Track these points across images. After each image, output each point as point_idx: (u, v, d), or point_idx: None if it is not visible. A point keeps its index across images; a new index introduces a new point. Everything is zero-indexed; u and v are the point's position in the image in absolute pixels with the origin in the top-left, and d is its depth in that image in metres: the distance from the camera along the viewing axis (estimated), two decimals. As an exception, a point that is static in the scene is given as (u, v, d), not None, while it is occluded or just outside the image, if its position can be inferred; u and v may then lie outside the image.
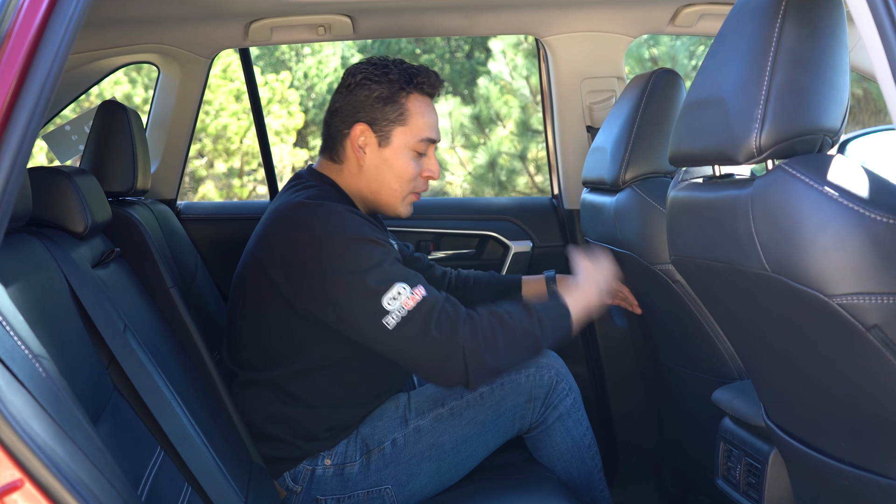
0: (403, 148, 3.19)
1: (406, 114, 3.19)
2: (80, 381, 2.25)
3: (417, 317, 2.85)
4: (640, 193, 3.19)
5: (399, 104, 3.18)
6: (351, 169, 3.23)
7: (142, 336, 2.80)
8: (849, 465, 2.15)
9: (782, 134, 2.00)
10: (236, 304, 3.22)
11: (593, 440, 3.40)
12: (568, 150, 4.40)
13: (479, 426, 3.19)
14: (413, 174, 3.22)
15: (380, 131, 3.18)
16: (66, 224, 2.77)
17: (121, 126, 3.41)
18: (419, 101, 3.23)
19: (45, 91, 1.63)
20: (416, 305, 2.86)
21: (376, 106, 3.18)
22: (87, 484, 1.55)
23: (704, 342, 3.12)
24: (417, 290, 2.88)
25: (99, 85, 5.14)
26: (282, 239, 3.02)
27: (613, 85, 4.33)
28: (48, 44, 1.65)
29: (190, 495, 2.51)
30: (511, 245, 4.46)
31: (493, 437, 3.23)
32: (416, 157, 3.22)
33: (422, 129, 3.21)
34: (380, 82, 3.18)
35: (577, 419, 3.32)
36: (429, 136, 3.23)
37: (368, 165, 3.20)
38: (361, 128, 3.18)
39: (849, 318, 1.87)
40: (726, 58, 2.18)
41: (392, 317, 2.84)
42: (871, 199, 1.84)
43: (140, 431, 2.51)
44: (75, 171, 2.93)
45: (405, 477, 3.12)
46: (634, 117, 3.31)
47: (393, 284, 2.87)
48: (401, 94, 3.19)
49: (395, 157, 3.20)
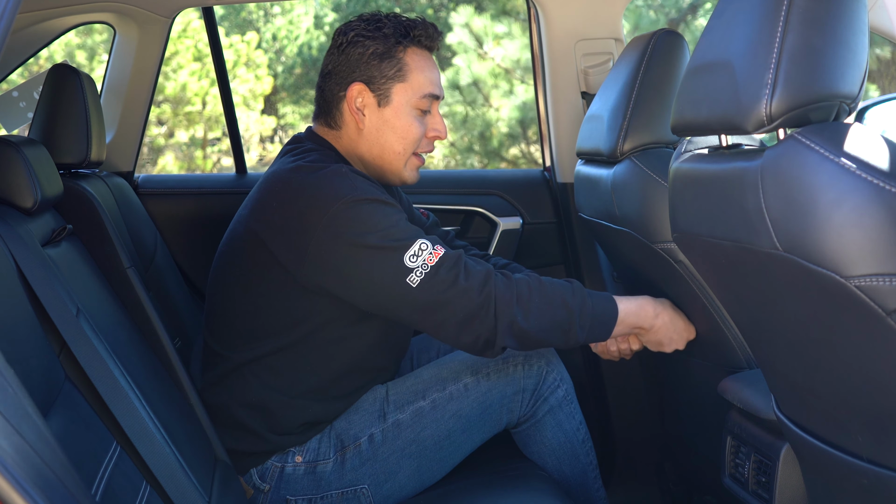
0: (405, 106, 3.20)
1: (405, 69, 3.19)
2: (28, 369, 2.24)
3: (444, 269, 2.90)
4: (640, 165, 3.18)
5: (396, 59, 3.18)
6: (350, 134, 3.24)
7: (96, 321, 2.80)
8: (868, 462, 2.15)
9: (795, 100, 2.00)
10: (221, 279, 3.23)
11: (588, 435, 3.40)
12: (561, 118, 4.39)
13: (463, 420, 3.19)
14: (417, 134, 3.23)
15: (378, 90, 3.18)
16: (14, 199, 2.77)
17: (73, 92, 3.41)
18: (418, 55, 3.23)
19: (-11, 53, 1.62)
20: (439, 259, 2.89)
21: (372, 63, 3.18)
22: (35, 482, 1.55)
23: (710, 328, 3.12)
24: (439, 247, 2.92)
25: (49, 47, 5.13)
26: (283, 206, 3.02)
27: (611, 47, 4.33)
28: (-8, 1, 1.64)
29: (149, 494, 2.50)
30: (499, 221, 4.47)
31: (479, 431, 3.23)
32: (419, 115, 3.23)
33: (423, 85, 3.21)
34: (374, 38, 3.18)
35: (569, 412, 3.31)
36: (431, 92, 3.23)
37: (369, 128, 3.21)
38: (358, 88, 3.18)
39: (867, 301, 1.87)
40: (734, 17, 2.18)
41: (416, 274, 2.88)
42: (891, 171, 1.84)
43: (94, 425, 2.50)
44: (23, 140, 2.93)
45: (383, 476, 3.12)
46: (634, 82, 3.30)
47: (414, 241, 2.91)
48: (397, 49, 3.19)
49: (396, 117, 3.20)
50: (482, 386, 3.21)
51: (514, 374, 3.24)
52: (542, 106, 4.52)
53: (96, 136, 3.52)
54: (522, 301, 2.92)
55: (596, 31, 4.31)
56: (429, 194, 4.55)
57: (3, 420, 1.69)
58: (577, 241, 4.34)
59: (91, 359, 2.60)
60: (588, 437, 3.40)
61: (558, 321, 2.97)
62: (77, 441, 2.33)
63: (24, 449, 1.68)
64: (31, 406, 1.91)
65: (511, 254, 4.44)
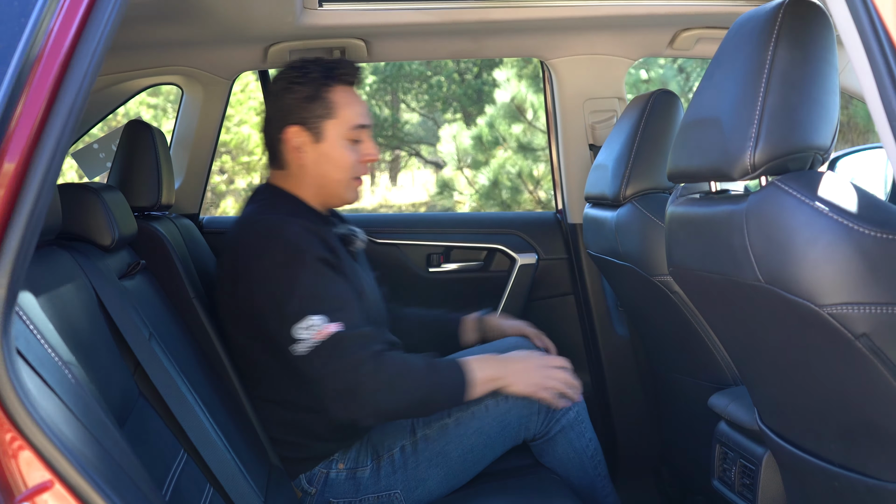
0: (338, 139, 3.22)
1: (333, 106, 3.22)
2: (107, 386, 2.25)
3: (325, 348, 2.88)
4: (640, 208, 3.19)
5: (324, 99, 3.21)
6: (294, 171, 3.26)
7: (166, 343, 2.81)
8: (839, 466, 2.15)
9: (775, 152, 2.01)
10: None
11: (598, 451, 3.35)
12: (571, 167, 4.40)
13: (483, 436, 3.17)
14: (352, 161, 3.25)
15: (312, 129, 3.21)
16: (94, 237, 2.78)
17: (146, 144, 3.42)
18: (343, 92, 3.26)
19: (74, 111, 1.64)
20: (328, 338, 2.87)
21: (303, 105, 3.21)
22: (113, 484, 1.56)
23: (701, 350, 3.12)
24: (330, 325, 2.88)
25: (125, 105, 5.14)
26: (228, 254, 3.15)
27: (614, 105, 4.33)
28: (77, 66, 1.66)
29: (212, 495, 2.51)
30: (517, 257, 4.46)
31: (498, 445, 3.21)
32: (351, 144, 3.25)
33: (351, 118, 3.24)
34: (302, 83, 3.22)
35: (579, 431, 3.28)
36: (359, 123, 3.26)
37: (309, 163, 3.23)
38: (294, 130, 3.21)
39: (838, 326, 1.87)
40: (722, 79, 2.19)
41: (301, 346, 2.89)
42: (859, 213, 1.85)
43: (164, 434, 2.51)
44: (103, 187, 2.94)
45: (413, 482, 3.11)
46: (634, 136, 3.31)
47: (306, 316, 2.90)
48: (323, 89, 3.22)
49: (332, 150, 3.23)
50: (501, 406, 3.18)
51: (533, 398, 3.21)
52: (554, 156, 4.52)
53: (166, 183, 3.54)
54: (386, 386, 2.90)
55: (601, 92, 4.32)
56: (457, 234, 4.55)
57: (84, 430, 1.70)
58: (585, 274, 4.34)
59: (161, 377, 2.61)
60: (598, 453, 3.34)
61: (417, 398, 2.95)
62: (149, 448, 2.35)
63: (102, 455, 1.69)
64: (109, 417, 1.92)
65: (527, 286, 4.43)
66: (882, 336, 1.85)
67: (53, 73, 1.64)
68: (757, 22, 2.12)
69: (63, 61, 1.65)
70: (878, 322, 1.84)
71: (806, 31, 2.04)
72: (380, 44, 3.98)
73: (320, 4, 3.56)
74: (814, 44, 2.04)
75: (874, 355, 1.86)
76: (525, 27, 3.95)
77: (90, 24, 1.69)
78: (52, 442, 1.51)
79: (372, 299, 3.28)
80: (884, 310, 1.83)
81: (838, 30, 1.82)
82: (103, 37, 1.70)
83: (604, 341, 4.31)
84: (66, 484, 1.51)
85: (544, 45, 4.21)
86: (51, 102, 1.63)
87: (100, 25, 1.69)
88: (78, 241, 2.74)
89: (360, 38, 3.90)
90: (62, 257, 2.45)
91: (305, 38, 3.83)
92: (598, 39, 4.19)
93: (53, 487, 1.50)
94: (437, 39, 4.05)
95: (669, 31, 4.08)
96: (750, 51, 2.09)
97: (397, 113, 22.62)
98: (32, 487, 1.49)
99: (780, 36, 2.04)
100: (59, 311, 2.14)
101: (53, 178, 1.61)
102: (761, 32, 2.08)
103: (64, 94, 1.64)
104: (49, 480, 1.50)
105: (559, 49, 4.24)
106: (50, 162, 1.60)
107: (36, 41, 1.66)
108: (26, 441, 1.51)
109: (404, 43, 4.05)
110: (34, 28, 1.66)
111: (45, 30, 1.67)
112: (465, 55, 4.36)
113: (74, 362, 1.92)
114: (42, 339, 1.83)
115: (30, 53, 1.65)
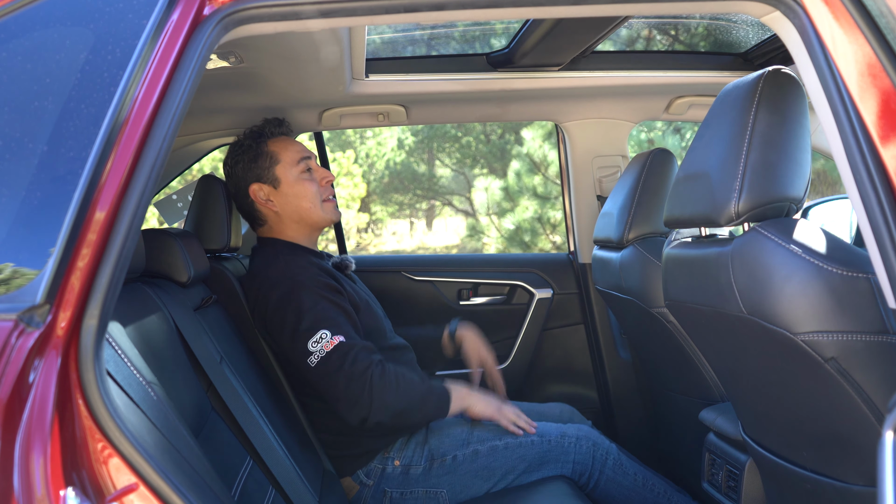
0: (292, 177, 3.31)
1: (274, 155, 3.31)
2: (184, 402, 2.27)
3: (335, 356, 2.92)
4: (641, 250, 3.19)
5: (265, 153, 3.31)
6: (273, 220, 3.35)
7: (234, 365, 2.82)
8: (811, 471, 2.14)
9: (756, 202, 2.02)
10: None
11: (645, 477, 3.28)
12: (582, 214, 4.40)
13: (526, 463, 3.13)
14: (314, 188, 3.33)
15: (268, 179, 3.30)
16: (173, 275, 2.80)
17: (217, 195, 3.44)
18: (277, 141, 3.36)
19: (156, 167, 1.66)
20: (334, 347, 2.92)
21: (252, 166, 3.31)
22: (190, 487, 1.56)
23: (693, 371, 3.11)
24: (336, 337, 2.94)
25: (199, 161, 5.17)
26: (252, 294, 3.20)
27: (619, 161, 4.34)
28: (158, 129, 1.67)
29: (274, 496, 2.52)
30: (535, 292, 4.46)
31: (538, 473, 3.15)
32: (306, 175, 3.32)
33: (292, 156, 3.33)
34: (244, 152, 3.33)
35: (622, 472, 3.20)
36: (301, 157, 3.34)
37: (282, 206, 3.31)
38: (255, 187, 3.31)
39: (810, 351, 1.88)
40: (711, 139, 2.19)
41: (314, 357, 2.93)
42: (828, 255, 1.86)
43: (233, 443, 2.52)
44: (180, 232, 2.96)
45: (459, 486, 3.09)
46: (636, 188, 3.32)
47: (317, 331, 2.96)
48: (261, 146, 3.31)
49: (292, 187, 3.31)
50: (545, 445, 3.17)
51: (570, 447, 3.18)
52: (567, 204, 4.53)
53: (234, 228, 3.55)
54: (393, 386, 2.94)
55: (608, 150, 4.33)
56: (483, 272, 4.55)
57: (164, 439, 1.71)
58: (594, 307, 4.34)
59: (230, 394, 2.63)
60: (647, 478, 3.28)
61: (415, 401, 2.99)
62: (220, 456, 2.36)
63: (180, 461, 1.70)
64: (185, 429, 1.93)
65: (544, 316, 4.43)
66: (848, 360, 1.85)
67: (138, 134, 1.66)
68: (740, 91, 2.13)
69: (146, 124, 1.67)
70: (845, 348, 1.84)
71: (782, 99, 2.05)
72: (417, 109, 4.01)
73: (367, 76, 3.60)
74: (789, 109, 2.05)
75: (841, 376, 1.87)
76: (542, 95, 3.97)
77: (169, 93, 1.71)
78: (136, 450, 1.52)
79: (372, 312, 3.33)
80: (849, 337, 1.84)
81: (810, 97, 1.83)
82: (181, 103, 1.71)
83: (609, 364, 4.31)
84: (149, 486, 1.51)
85: (559, 110, 4.23)
86: (136, 160, 1.64)
87: (178, 94, 1.71)
88: (159, 278, 2.76)
89: (400, 104, 3.93)
90: (145, 292, 2.47)
91: (354, 104, 3.86)
92: (605, 105, 4.21)
93: (138, 489, 1.51)
94: (467, 105, 4.08)
95: (666, 99, 4.10)
96: (734, 115, 2.10)
97: (433, 168, 22.70)
98: (120, 489, 1.50)
99: (760, 103, 2.05)
100: (143, 338, 2.16)
101: (138, 224, 1.63)
102: (744, 99, 2.09)
103: (147, 152, 1.65)
104: (134, 483, 1.51)
105: (571, 114, 4.26)
106: (135, 211, 1.61)
107: (123, 107, 1.68)
108: (115, 449, 1.51)
109: (438, 108, 4.07)
110: (122, 96, 1.68)
111: (132, 98, 1.68)
112: (490, 119, 4.40)
113: (156, 382, 1.93)
114: (128, 362, 1.84)
115: (118, 118, 1.67)
